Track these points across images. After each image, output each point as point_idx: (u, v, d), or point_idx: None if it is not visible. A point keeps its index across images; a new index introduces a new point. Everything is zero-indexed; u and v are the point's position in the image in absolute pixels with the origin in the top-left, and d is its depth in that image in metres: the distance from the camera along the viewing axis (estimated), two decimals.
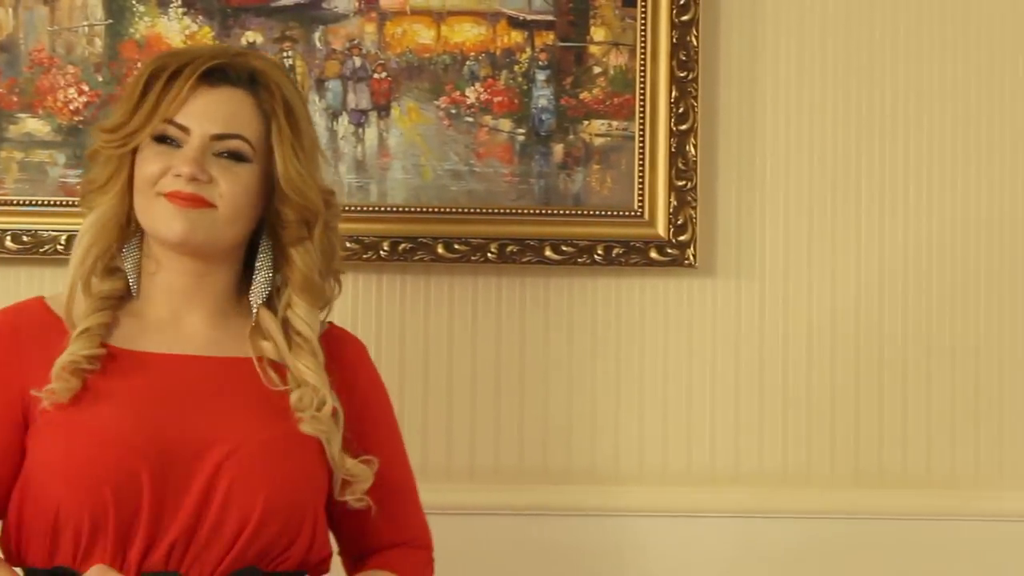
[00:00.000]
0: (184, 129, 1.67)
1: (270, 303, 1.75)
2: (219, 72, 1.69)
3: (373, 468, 1.70)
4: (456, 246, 2.34)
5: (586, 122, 2.36)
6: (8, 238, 2.28)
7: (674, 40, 2.35)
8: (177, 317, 1.74)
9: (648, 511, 2.35)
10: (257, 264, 1.76)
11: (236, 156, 1.69)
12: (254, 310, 1.73)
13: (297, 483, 1.64)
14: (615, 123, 2.36)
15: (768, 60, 2.40)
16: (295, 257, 1.74)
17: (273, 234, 1.76)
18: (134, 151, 1.70)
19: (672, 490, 2.36)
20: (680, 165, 2.35)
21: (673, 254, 2.35)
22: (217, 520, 1.60)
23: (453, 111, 2.36)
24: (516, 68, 2.37)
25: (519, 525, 2.32)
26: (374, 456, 1.73)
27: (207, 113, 1.67)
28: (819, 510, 2.35)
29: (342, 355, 1.78)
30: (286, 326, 1.71)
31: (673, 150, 2.35)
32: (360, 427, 1.74)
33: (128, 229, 1.73)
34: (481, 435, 2.37)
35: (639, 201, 2.36)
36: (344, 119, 2.36)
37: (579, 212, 2.36)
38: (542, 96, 2.36)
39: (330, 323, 1.86)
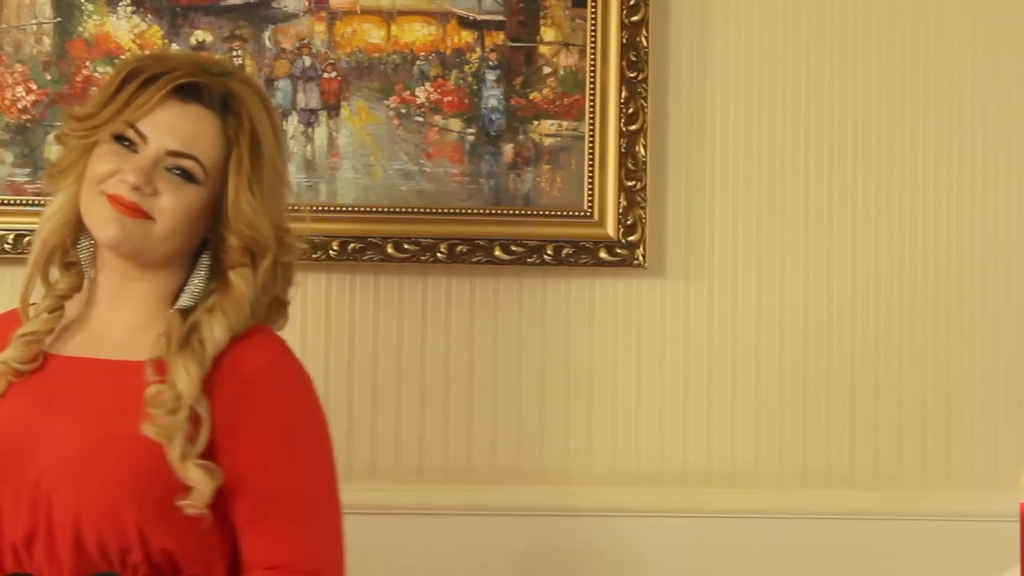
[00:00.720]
0: (143, 137, 1.67)
1: (190, 311, 1.72)
2: (193, 89, 1.68)
3: (215, 477, 1.64)
4: (406, 246, 2.34)
5: (536, 122, 2.37)
6: None
7: (624, 41, 2.36)
8: (107, 320, 1.73)
9: (597, 511, 2.35)
10: (192, 274, 1.75)
11: (186, 175, 1.67)
12: (169, 312, 1.71)
13: (115, 487, 1.60)
14: (565, 123, 2.37)
15: (718, 61, 2.40)
16: (232, 279, 1.72)
17: (215, 253, 1.75)
18: (94, 145, 1.70)
19: (621, 490, 2.36)
20: (630, 165, 2.35)
21: (622, 254, 2.36)
22: (47, 524, 1.60)
23: (403, 111, 2.36)
24: (466, 68, 2.37)
25: (468, 525, 2.32)
26: (250, 470, 1.65)
27: (170, 127, 1.67)
28: (768, 510, 2.35)
29: (242, 364, 1.70)
30: (191, 331, 1.69)
31: (623, 150, 2.35)
32: (232, 438, 1.66)
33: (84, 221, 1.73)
34: (430, 435, 2.36)
35: (589, 201, 2.36)
36: (294, 119, 2.36)
37: (529, 212, 2.36)
38: (492, 96, 2.37)
39: (259, 327, 1.79)
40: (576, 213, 2.36)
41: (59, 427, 1.64)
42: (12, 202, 2.28)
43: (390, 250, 2.34)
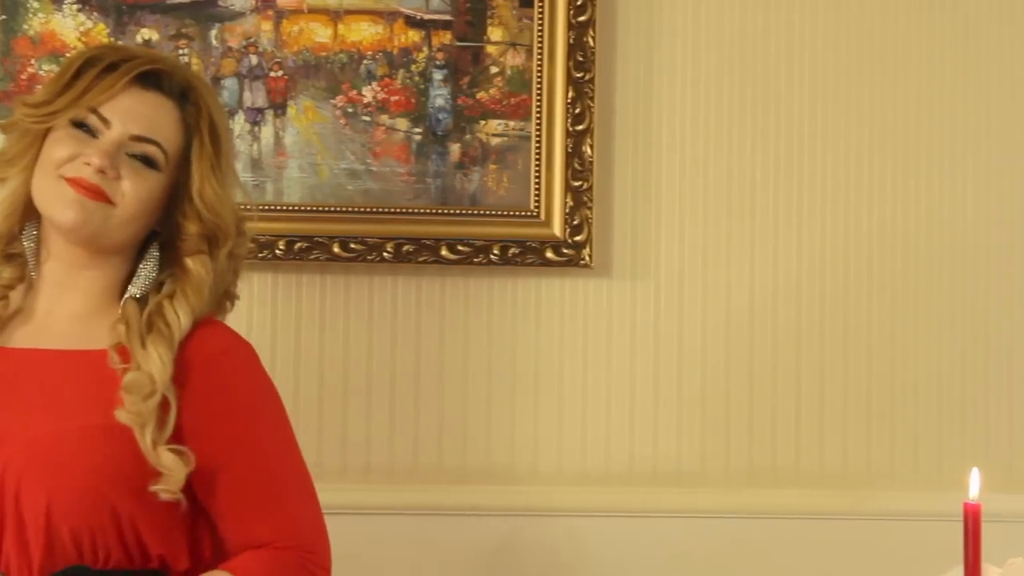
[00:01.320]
0: (106, 122, 1.67)
1: (144, 300, 1.73)
2: (154, 77, 1.70)
3: (187, 462, 1.65)
4: (352, 245, 2.34)
5: (483, 122, 2.37)
6: None
7: (571, 41, 2.36)
8: (50, 310, 1.72)
9: (542, 511, 2.35)
10: (142, 264, 1.75)
11: (148, 161, 1.69)
12: (122, 300, 1.71)
13: (89, 475, 1.61)
14: (512, 123, 2.37)
15: (664, 61, 2.41)
16: (190, 266, 1.73)
17: (169, 243, 1.75)
18: (48, 132, 1.70)
19: (567, 490, 2.37)
20: (576, 166, 2.36)
21: (569, 254, 2.36)
22: (16, 517, 1.59)
23: (350, 110, 2.36)
24: (413, 67, 2.37)
25: (413, 524, 2.32)
26: (222, 453, 1.68)
27: (132, 113, 1.68)
28: (713, 510, 2.36)
29: (203, 349, 1.74)
30: (153, 317, 1.69)
31: (569, 150, 2.36)
32: (202, 424, 1.67)
33: (31, 211, 1.72)
34: (377, 435, 2.36)
35: (535, 201, 2.36)
36: (240, 117, 2.35)
37: (475, 212, 2.36)
38: (439, 96, 2.37)
39: (209, 318, 1.83)
40: (523, 213, 2.36)
41: (17, 419, 1.62)
42: None
43: (336, 249, 2.33)
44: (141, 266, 1.74)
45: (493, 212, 2.36)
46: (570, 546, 2.35)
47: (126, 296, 1.71)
